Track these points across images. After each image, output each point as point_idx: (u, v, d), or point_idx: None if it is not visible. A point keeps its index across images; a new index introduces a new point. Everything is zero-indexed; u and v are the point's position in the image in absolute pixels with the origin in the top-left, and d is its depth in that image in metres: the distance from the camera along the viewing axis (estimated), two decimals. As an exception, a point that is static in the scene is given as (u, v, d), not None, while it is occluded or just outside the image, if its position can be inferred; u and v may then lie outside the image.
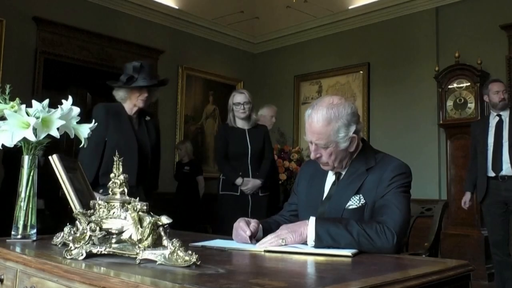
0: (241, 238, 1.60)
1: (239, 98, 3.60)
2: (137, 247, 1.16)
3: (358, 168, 1.70)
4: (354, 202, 1.65)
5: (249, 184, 3.54)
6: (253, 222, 1.64)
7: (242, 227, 1.61)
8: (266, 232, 1.61)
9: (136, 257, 1.15)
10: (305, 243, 1.50)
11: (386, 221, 1.52)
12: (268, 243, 1.48)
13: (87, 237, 1.20)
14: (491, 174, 3.79)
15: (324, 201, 1.74)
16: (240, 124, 3.64)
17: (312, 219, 1.51)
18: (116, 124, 2.72)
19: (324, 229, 1.47)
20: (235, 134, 3.62)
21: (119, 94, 2.76)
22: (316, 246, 1.47)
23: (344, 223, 1.49)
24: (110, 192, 1.27)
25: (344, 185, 1.71)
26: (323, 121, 1.61)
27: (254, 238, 1.61)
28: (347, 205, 1.65)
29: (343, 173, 1.74)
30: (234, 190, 3.56)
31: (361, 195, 1.65)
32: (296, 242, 1.50)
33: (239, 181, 3.53)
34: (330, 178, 1.78)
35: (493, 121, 3.88)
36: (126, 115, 2.78)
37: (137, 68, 2.70)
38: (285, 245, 1.48)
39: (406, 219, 1.59)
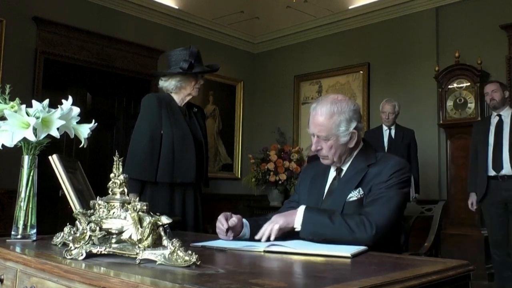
0: (219, 231, 1.67)
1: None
2: (137, 247, 1.16)
3: (359, 164, 1.76)
4: (354, 194, 1.71)
5: None
6: (234, 217, 1.68)
7: (221, 221, 1.66)
8: (255, 229, 1.65)
9: (136, 257, 1.15)
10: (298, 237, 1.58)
11: (370, 213, 1.58)
12: (268, 231, 1.57)
13: (87, 237, 1.20)
14: (492, 173, 3.81)
15: (326, 196, 1.80)
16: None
17: (302, 207, 1.60)
18: (170, 116, 2.48)
19: (308, 217, 1.57)
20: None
21: (172, 83, 2.53)
22: (301, 233, 1.56)
23: (329, 213, 1.58)
24: (110, 192, 1.27)
25: (345, 180, 1.77)
26: (326, 114, 1.70)
27: (237, 231, 1.67)
28: (347, 198, 1.71)
29: (344, 169, 1.79)
30: None
31: (360, 188, 1.71)
32: (287, 224, 1.59)
33: None
34: (332, 175, 1.84)
35: (493, 120, 3.92)
36: (177, 106, 2.55)
37: (195, 53, 2.49)
38: (282, 239, 1.54)
39: (392, 214, 1.62)
